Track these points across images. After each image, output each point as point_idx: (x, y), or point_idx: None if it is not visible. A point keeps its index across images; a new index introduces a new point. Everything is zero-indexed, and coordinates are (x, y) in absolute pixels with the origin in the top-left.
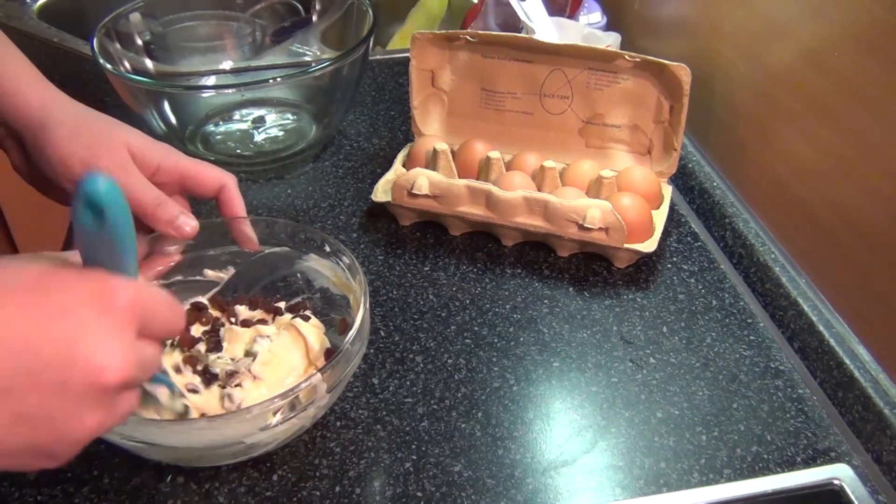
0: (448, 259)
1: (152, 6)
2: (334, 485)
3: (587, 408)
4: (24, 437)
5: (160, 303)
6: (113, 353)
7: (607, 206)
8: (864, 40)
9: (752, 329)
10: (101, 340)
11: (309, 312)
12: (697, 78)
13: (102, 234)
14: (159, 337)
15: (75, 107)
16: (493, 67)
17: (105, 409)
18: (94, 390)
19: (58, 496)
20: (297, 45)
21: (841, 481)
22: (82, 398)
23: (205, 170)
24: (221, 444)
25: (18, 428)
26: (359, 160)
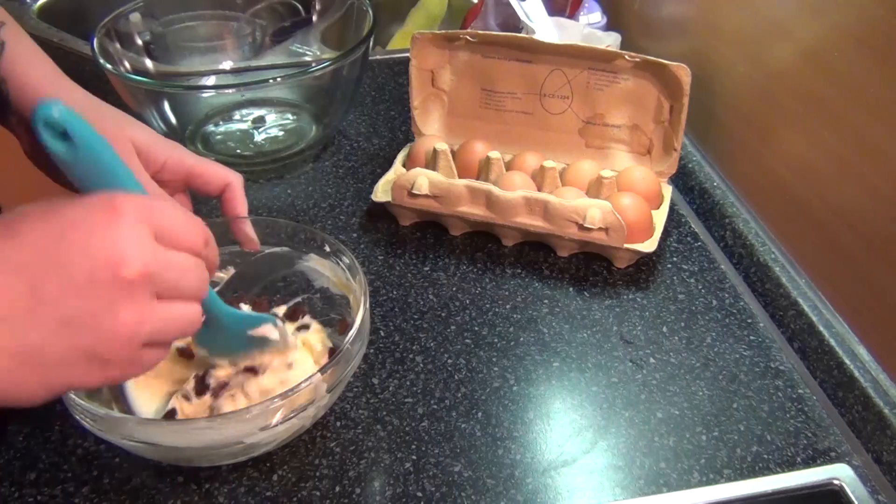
0: (448, 259)
1: (152, 6)
2: (334, 485)
3: (587, 408)
4: (70, 341)
5: (169, 209)
6: (128, 245)
7: (607, 206)
8: (864, 40)
9: (752, 329)
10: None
11: (308, 318)
12: (697, 78)
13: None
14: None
15: (87, 99)
16: (493, 67)
17: (139, 305)
18: (120, 283)
19: (58, 496)
20: (297, 45)
21: (841, 481)
22: (111, 293)
23: (211, 168)
24: (221, 444)
25: (62, 332)
26: (359, 160)
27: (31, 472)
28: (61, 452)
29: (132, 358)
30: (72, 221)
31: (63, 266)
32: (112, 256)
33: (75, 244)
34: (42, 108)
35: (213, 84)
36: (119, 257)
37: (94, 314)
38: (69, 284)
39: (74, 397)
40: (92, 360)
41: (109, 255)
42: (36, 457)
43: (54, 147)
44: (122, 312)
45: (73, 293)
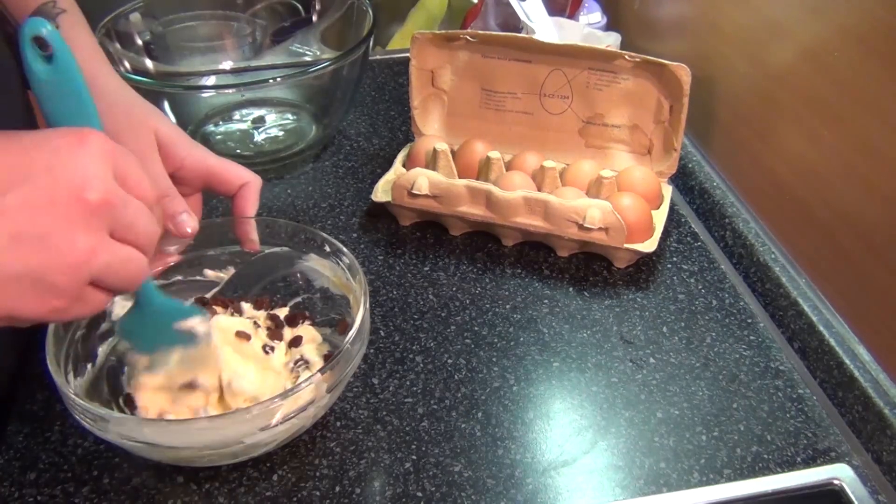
0: (448, 259)
1: (152, 6)
2: (334, 485)
3: (587, 408)
4: (19, 257)
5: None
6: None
7: (607, 206)
8: (864, 40)
9: (752, 329)
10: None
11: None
12: (697, 78)
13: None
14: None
15: (123, 88)
16: (493, 67)
17: (94, 234)
18: (80, 208)
19: (58, 496)
20: (297, 45)
21: (841, 481)
22: (70, 216)
23: (231, 168)
24: (221, 444)
25: (12, 248)
26: (359, 160)
27: (31, 472)
28: (61, 452)
29: (78, 292)
30: (36, 143)
31: (23, 181)
32: (75, 179)
33: (38, 163)
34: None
35: (213, 84)
36: (82, 181)
37: (49, 233)
38: (27, 200)
39: (75, 398)
40: (38, 284)
41: (72, 178)
42: (36, 457)
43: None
44: (78, 236)
45: (30, 209)
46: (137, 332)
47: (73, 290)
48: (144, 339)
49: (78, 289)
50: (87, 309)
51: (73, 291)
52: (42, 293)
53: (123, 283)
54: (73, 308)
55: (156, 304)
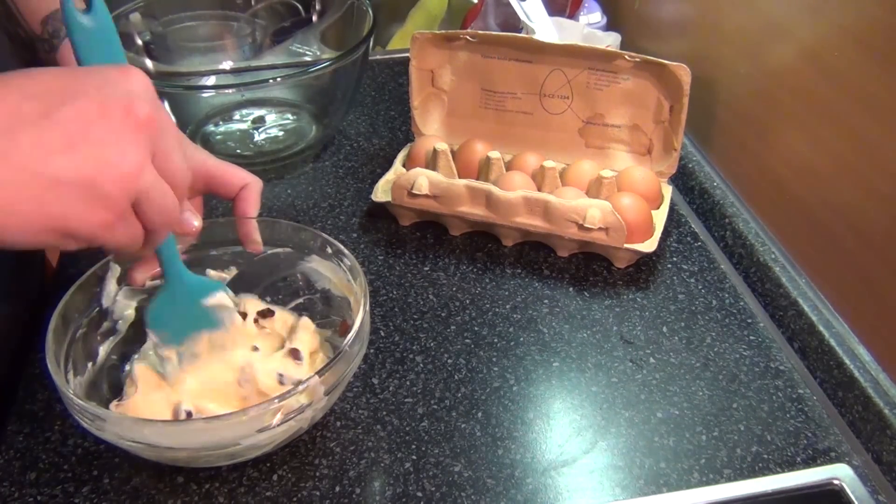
0: (448, 259)
1: (152, 6)
2: (334, 485)
3: (587, 408)
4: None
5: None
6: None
7: (607, 206)
8: (864, 40)
9: (752, 329)
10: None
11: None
12: (697, 78)
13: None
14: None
15: None
16: (493, 67)
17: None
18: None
19: (58, 496)
20: (297, 45)
21: (841, 481)
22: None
23: (231, 170)
24: (218, 445)
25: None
26: (359, 160)
27: (31, 472)
28: (61, 452)
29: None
30: (86, 70)
31: (76, 96)
32: (124, 96)
33: (90, 83)
34: None
35: (213, 84)
36: (130, 98)
37: (101, 142)
38: (81, 112)
39: (74, 398)
40: (91, 191)
41: (122, 95)
42: (36, 457)
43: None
44: (128, 148)
45: (84, 120)
46: (166, 318)
47: (121, 203)
48: (174, 326)
49: (125, 203)
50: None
51: (121, 205)
52: (94, 201)
53: (160, 214)
54: (118, 227)
55: (182, 275)
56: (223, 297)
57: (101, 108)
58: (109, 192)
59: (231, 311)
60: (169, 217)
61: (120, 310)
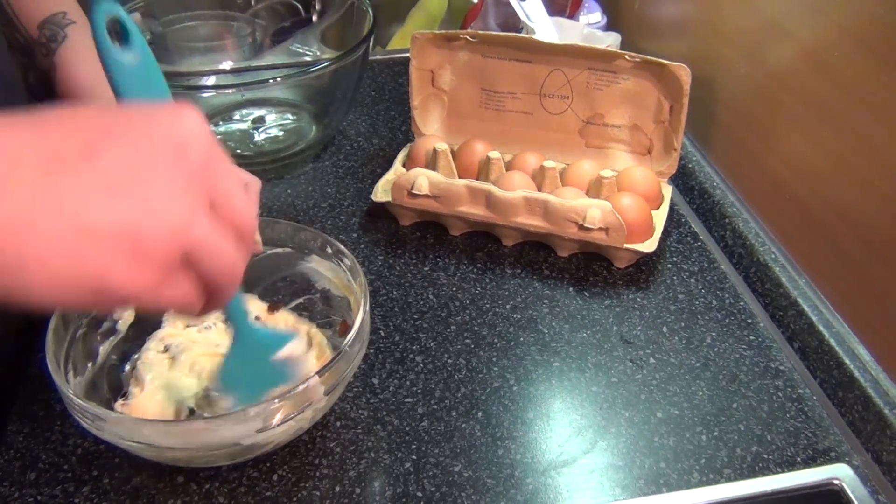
0: (448, 259)
1: (152, 6)
2: (334, 485)
3: (587, 408)
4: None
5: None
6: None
7: (607, 206)
8: (864, 40)
9: (752, 329)
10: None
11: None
12: (697, 78)
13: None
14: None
15: None
16: (493, 67)
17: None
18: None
19: (58, 496)
20: (297, 45)
21: (841, 481)
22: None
23: None
24: (218, 445)
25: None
26: (359, 160)
27: (31, 472)
28: (61, 452)
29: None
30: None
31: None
32: (176, 136)
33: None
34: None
35: (213, 84)
36: (183, 139)
37: (148, 188)
38: (128, 154)
39: (74, 398)
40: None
41: (174, 135)
42: (36, 457)
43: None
44: (178, 197)
45: (129, 162)
46: (238, 379)
47: (166, 260)
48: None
49: (171, 261)
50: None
51: (166, 262)
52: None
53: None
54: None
55: (253, 331)
56: (295, 346)
57: (150, 151)
58: (154, 249)
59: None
60: (231, 274)
61: (120, 310)
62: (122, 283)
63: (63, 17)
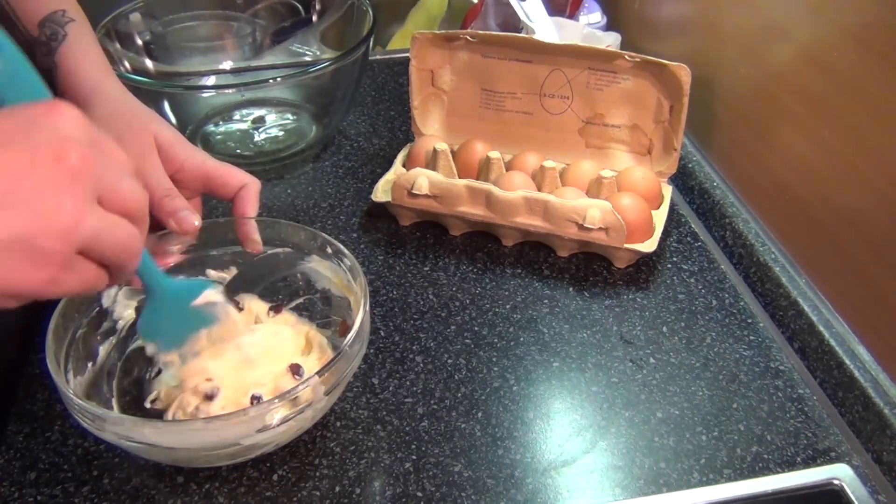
0: (448, 259)
1: (152, 6)
2: (334, 485)
3: (587, 408)
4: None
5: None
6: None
7: (607, 206)
8: (864, 40)
9: (752, 329)
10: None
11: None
12: (697, 78)
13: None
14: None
15: (124, 95)
16: (493, 67)
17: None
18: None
19: (58, 496)
20: (297, 45)
21: (841, 481)
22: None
23: (230, 171)
24: (218, 445)
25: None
26: (359, 160)
27: (31, 472)
28: (61, 452)
29: (69, 260)
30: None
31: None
32: (54, 141)
33: (15, 131)
34: None
35: (213, 84)
36: (61, 143)
37: (34, 196)
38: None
39: (74, 397)
40: (28, 250)
41: (51, 141)
42: (36, 457)
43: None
44: (64, 199)
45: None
46: (158, 328)
47: (63, 256)
48: (168, 334)
49: (68, 256)
50: (79, 281)
51: (63, 258)
52: (33, 260)
53: (115, 253)
54: (65, 279)
55: (165, 286)
56: (211, 294)
57: (29, 160)
58: (48, 248)
59: (223, 304)
60: (128, 251)
61: (120, 310)
62: (22, 284)
63: (63, 15)
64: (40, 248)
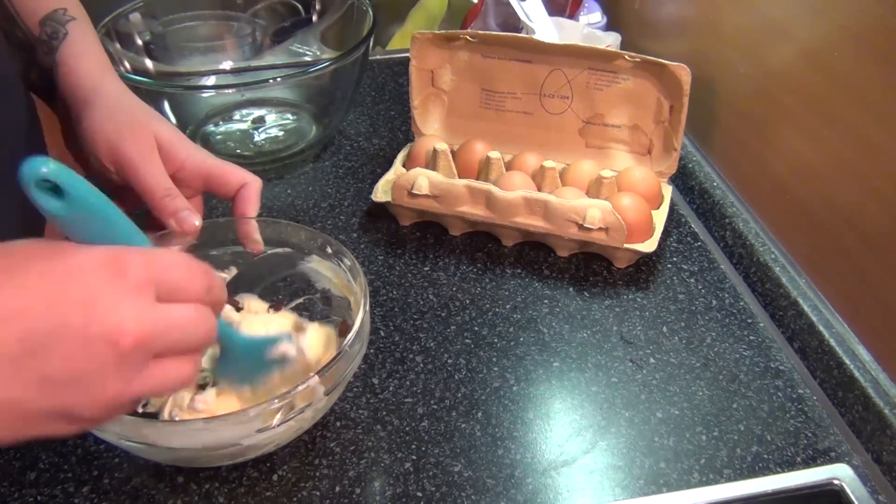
0: (448, 259)
1: (152, 6)
2: (334, 485)
3: (587, 408)
4: (51, 398)
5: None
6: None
7: (607, 206)
8: (864, 40)
9: (752, 329)
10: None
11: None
12: (697, 78)
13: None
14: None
15: (125, 94)
16: (493, 67)
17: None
18: (114, 352)
19: (58, 496)
20: (297, 45)
21: (841, 481)
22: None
23: (230, 169)
24: (218, 445)
25: (45, 388)
26: (359, 160)
27: (31, 472)
28: (61, 452)
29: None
30: (77, 273)
31: (58, 321)
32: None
33: (75, 299)
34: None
35: (213, 84)
36: (116, 323)
37: (81, 378)
38: (62, 342)
39: None
40: (70, 418)
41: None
42: (36, 457)
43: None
44: (109, 380)
45: (64, 351)
46: (232, 373)
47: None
48: (242, 376)
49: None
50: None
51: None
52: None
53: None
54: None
55: (240, 345)
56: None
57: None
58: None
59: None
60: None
61: None
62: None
63: (64, 14)
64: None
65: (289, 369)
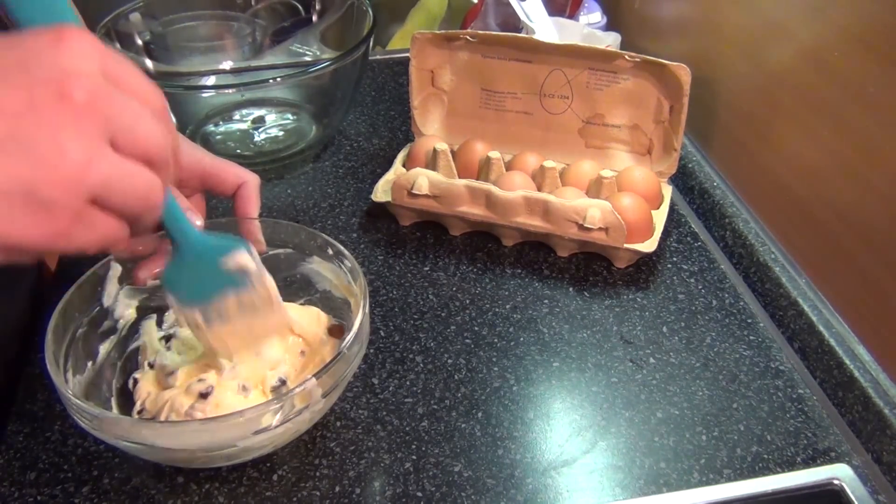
0: (448, 259)
1: (152, 6)
2: (334, 485)
3: (587, 408)
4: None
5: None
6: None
7: (607, 206)
8: (864, 40)
9: (752, 329)
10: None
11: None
12: (697, 78)
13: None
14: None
15: None
16: (493, 67)
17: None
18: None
19: (58, 496)
20: (297, 45)
21: (841, 481)
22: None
23: (228, 167)
24: (215, 446)
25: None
26: (359, 160)
27: (31, 472)
28: (61, 452)
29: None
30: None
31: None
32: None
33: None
34: None
35: (213, 84)
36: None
37: (32, 140)
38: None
39: (72, 397)
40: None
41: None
42: (36, 457)
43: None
44: (67, 142)
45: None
46: (182, 280)
47: (71, 207)
48: (192, 288)
49: (77, 207)
50: (94, 235)
51: (71, 210)
52: (36, 211)
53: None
54: (76, 232)
55: (192, 239)
56: (244, 257)
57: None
58: (53, 198)
59: (259, 272)
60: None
61: (121, 309)
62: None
63: None
64: (44, 197)
65: (246, 295)
